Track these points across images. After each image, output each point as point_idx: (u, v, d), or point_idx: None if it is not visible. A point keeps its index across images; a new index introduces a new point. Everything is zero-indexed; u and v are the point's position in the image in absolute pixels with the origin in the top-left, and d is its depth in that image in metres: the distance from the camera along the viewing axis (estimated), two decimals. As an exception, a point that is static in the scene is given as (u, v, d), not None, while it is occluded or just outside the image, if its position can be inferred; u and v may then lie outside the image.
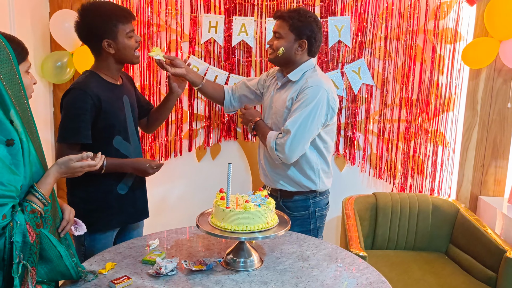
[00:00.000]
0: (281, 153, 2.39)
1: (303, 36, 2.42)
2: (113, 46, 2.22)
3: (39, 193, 1.54)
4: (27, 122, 1.54)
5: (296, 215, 2.54)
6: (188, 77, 2.55)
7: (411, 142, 3.47)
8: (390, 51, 3.38)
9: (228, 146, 3.57)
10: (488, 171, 3.46)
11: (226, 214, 1.87)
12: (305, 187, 2.52)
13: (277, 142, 2.39)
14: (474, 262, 2.96)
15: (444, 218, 3.26)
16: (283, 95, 2.51)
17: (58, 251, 1.56)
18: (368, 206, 3.29)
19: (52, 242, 1.55)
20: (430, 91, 3.38)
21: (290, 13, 2.42)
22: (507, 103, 3.35)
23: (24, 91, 1.54)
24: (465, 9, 3.28)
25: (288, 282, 1.81)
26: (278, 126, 2.50)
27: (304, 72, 2.47)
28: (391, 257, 3.13)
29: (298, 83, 2.46)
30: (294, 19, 2.39)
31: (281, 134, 2.40)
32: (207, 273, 1.86)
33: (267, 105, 2.63)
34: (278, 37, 2.44)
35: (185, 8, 3.38)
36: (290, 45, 2.43)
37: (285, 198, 2.55)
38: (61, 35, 3.22)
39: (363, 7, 3.33)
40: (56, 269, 1.60)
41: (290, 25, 2.40)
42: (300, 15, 2.41)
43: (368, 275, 1.89)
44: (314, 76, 2.45)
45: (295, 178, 2.51)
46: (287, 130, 2.35)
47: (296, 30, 2.40)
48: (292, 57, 2.46)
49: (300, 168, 2.50)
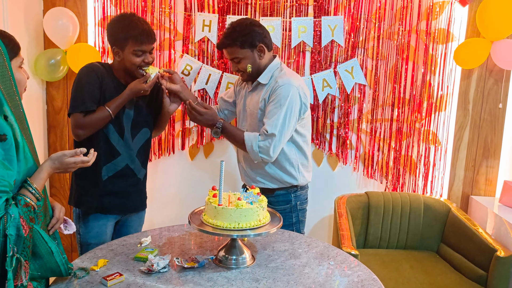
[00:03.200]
0: (266, 155, 2.45)
1: (256, 43, 2.48)
2: (120, 55, 2.38)
3: (33, 187, 1.54)
4: (19, 118, 1.55)
5: (278, 209, 2.56)
6: (182, 95, 2.54)
7: (403, 142, 3.49)
8: (383, 51, 3.39)
9: (221, 144, 3.58)
10: (480, 171, 3.49)
11: (218, 212, 1.88)
12: (286, 182, 2.58)
13: (260, 145, 2.43)
14: (465, 261, 2.98)
15: (436, 217, 3.29)
16: (255, 97, 2.57)
17: (49, 247, 1.56)
18: (360, 205, 3.30)
19: (43, 237, 1.55)
20: (422, 91, 3.40)
21: (230, 35, 2.46)
22: (498, 103, 3.38)
23: (16, 88, 1.54)
24: (457, 10, 3.30)
25: (279, 279, 1.82)
26: (253, 127, 2.57)
27: (272, 73, 2.54)
28: (382, 255, 3.15)
29: (269, 84, 2.52)
30: (238, 39, 2.45)
31: (262, 137, 2.43)
32: (199, 270, 1.87)
33: (241, 108, 2.69)
34: (238, 61, 2.50)
35: (178, 7, 3.38)
36: (252, 58, 2.49)
37: (266, 193, 2.54)
38: (55, 32, 3.21)
39: (356, 7, 3.34)
40: (47, 266, 1.60)
41: (239, 45, 2.46)
42: (238, 30, 2.46)
43: (360, 273, 1.90)
44: (282, 75, 2.51)
45: (276, 175, 2.57)
46: (270, 134, 2.40)
47: (247, 43, 2.46)
48: (260, 65, 2.53)
49: (279, 165, 2.56)
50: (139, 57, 2.36)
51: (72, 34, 3.24)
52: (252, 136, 2.46)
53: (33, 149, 1.62)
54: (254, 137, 2.45)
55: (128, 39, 2.33)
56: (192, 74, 3.42)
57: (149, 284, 1.74)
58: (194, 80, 3.43)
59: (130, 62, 2.36)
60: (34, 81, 3.32)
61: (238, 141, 2.52)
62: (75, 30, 3.26)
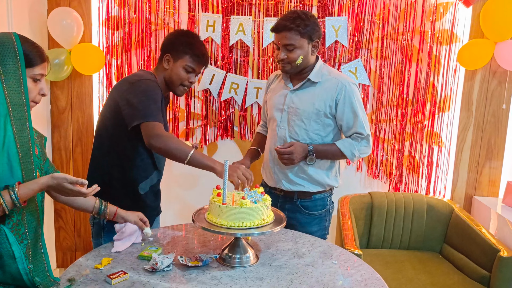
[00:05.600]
0: (366, 154, 2.50)
1: (314, 38, 2.41)
2: (169, 64, 2.35)
3: (15, 193, 1.48)
4: (19, 117, 1.53)
5: (315, 214, 2.55)
6: None
7: (406, 142, 3.49)
8: (387, 52, 3.40)
9: (225, 144, 3.58)
10: (483, 172, 3.49)
11: (222, 211, 1.88)
12: (326, 185, 2.54)
13: (361, 149, 2.45)
14: (468, 261, 2.98)
15: (439, 218, 3.29)
16: (305, 96, 2.47)
17: (12, 250, 1.50)
18: (363, 205, 3.30)
19: (8, 239, 1.49)
20: (426, 92, 3.40)
21: (295, 21, 2.34)
22: (501, 105, 3.38)
23: (25, 88, 1.52)
24: (461, 11, 3.30)
25: (283, 278, 1.82)
26: (304, 128, 2.47)
27: (321, 72, 2.47)
28: (385, 256, 3.15)
29: (328, 82, 2.44)
30: (301, 25, 2.34)
31: (358, 140, 2.44)
32: (203, 269, 1.87)
33: (277, 107, 2.56)
34: (291, 49, 2.37)
35: (183, 7, 3.39)
36: (306, 51, 2.40)
37: (303, 198, 2.55)
38: (59, 32, 3.23)
39: (360, 8, 3.35)
40: (5, 269, 1.52)
41: (300, 32, 2.35)
42: (303, 18, 2.36)
43: (363, 272, 1.90)
44: (332, 71, 2.50)
45: (319, 178, 2.51)
46: (366, 136, 2.44)
47: (307, 34, 2.36)
48: (308, 61, 2.45)
49: (323, 168, 2.51)
50: (188, 73, 2.34)
51: (76, 34, 3.26)
52: (348, 144, 2.44)
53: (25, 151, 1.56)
54: (350, 144, 2.43)
55: (187, 54, 2.32)
56: (196, 74, 3.42)
57: (153, 282, 1.75)
58: (198, 80, 3.44)
59: (177, 75, 2.33)
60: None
61: (335, 154, 2.46)
62: (79, 30, 3.28)
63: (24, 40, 1.56)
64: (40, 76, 1.62)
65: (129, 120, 2.14)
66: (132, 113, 2.14)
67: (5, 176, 1.49)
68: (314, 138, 2.46)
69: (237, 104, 3.52)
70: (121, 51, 3.44)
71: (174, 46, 2.34)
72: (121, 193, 2.29)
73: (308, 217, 2.55)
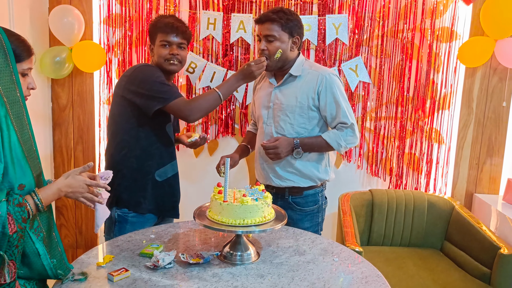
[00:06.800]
0: (353, 144, 2.50)
1: (294, 34, 2.45)
2: (153, 51, 2.46)
3: (37, 197, 1.52)
4: (17, 114, 1.51)
5: (307, 210, 2.56)
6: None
7: (407, 140, 3.49)
8: (387, 49, 3.40)
9: (226, 142, 3.59)
10: (483, 169, 3.49)
11: (223, 208, 1.89)
12: (317, 180, 2.54)
13: (348, 139, 2.45)
14: (468, 258, 2.99)
15: (440, 215, 3.29)
16: (287, 90, 2.50)
17: (36, 248, 1.54)
18: (364, 202, 3.31)
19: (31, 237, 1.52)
20: (426, 89, 3.40)
21: (278, 14, 2.41)
22: (502, 102, 3.38)
23: (18, 83, 1.49)
24: (461, 8, 3.31)
25: (284, 275, 1.83)
26: (289, 122, 2.48)
27: (302, 66, 2.51)
28: (386, 253, 3.16)
29: (309, 75, 2.47)
30: (283, 19, 2.40)
31: (343, 130, 2.44)
32: (204, 266, 1.88)
33: (264, 105, 2.59)
34: (272, 40, 2.42)
35: (183, 5, 3.40)
36: (286, 45, 2.44)
37: (294, 194, 2.56)
38: (60, 30, 3.23)
39: (360, 5, 3.35)
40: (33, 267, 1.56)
41: (282, 25, 2.40)
42: (286, 13, 2.43)
43: (364, 269, 1.91)
44: (314, 65, 2.53)
45: (308, 171, 2.51)
46: (351, 125, 2.44)
47: (288, 28, 2.42)
48: (288, 57, 2.48)
49: (311, 160, 2.52)
50: (166, 48, 2.39)
51: (77, 32, 3.26)
52: (333, 135, 2.45)
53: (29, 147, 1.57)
54: (335, 134, 2.45)
55: (157, 33, 2.41)
56: (197, 72, 3.43)
57: (155, 279, 1.75)
58: (198, 78, 3.45)
59: (158, 54, 2.41)
60: (39, 79, 3.34)
61: (322, 146, 2.47)
62: (80, 27, 3.28)
63: (9, 34, 1.51)
64: (28, 71, 1.62)
65: (149, 108, 2.28)
66: (147, 103, 2.28)
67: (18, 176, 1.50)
68: (300, 132, 2.48)
69: (237, 101, 3.52)
70: (122, 49, 3.44)
71: (149, 35, 2.49)
72: (141, 184, 2.41)
73: (300, 213, 2.56)
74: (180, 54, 2.43)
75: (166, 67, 2.41)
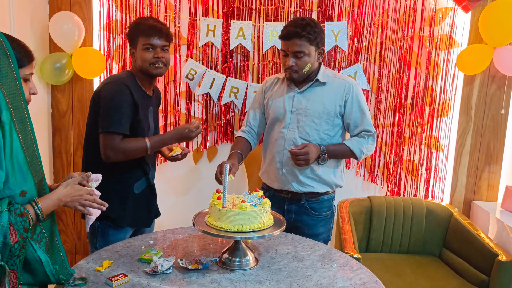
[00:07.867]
0: (372, 152, 2.57)
1: (320, 45, 2.44)
2: (134, 55, 2.39)
3: (38, 206, 1.52)
4: (21, 120, 1.52)
5: (322, 215, 2.57)
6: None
7: (405, 147, 3.50)
8: (386, 57, 3.42)
9: (225, 148, 3.59)
10: (482, 176, 3.50)
11: (222, 214, 1.90)
12: (333, 185, 2.56)
13: (369, 147, 2.51)
14: (467, 265, 2.98)
15: (438, 222, 3.29)
16: (313, 96, 2.48)
17: (38, 255, 1.54)
18: (362, 209, 3.31)
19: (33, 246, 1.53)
20: (425, 97, 3.42)
21: (305, 29, 2.34)
22: (500, 109, 3.40)
23: (21, 89, 1.50)
24: (460, 16, 3.32)
25: (282, 281, 1.83)
26: (315, 128, 2.48)
27: (325, 72, 2.52)
28: (384, 260, 3.16)
29: (335, 83, 2.49)
30: (311, 33, 2.35)
31: (365, 138, 2.49)
32: (203, 272, 1.88)
33: (285, 109, 2.53)
34: (301, 56, 2.37)
35: (183, 12, 3.41)
36: (313, 58, 2.43)
37: (310, 199, 2.55)
38: (60, 36, 3.24)
39: (359, 13, 3.37)
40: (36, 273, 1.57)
41: (310, 40, 2.36)
42: (312, 25, 2.37)
43: (362, 276, 1.91)
44: (335, 72, 2.58)
45: (327, 178, 2.52)
46: (373, 133, 2.51)
47: (314, 41, 2.38)
48: (314, 68, 2.47)
49: (331, 167, 2.53)
50: (149, 52, 2.34)
51: (77, 38, 3.27)
52: (356, 142, 2.48)
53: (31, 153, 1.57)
54: (358, 142, 2.47)
55: (138, 36, 2.35)
56: (196, 79, 3.44)
57: (154, 285, 1.76)
58: (198, 84, 3.46)
59: (141, 58, 2.34)
60: (39, 85, 3.35)
61: (344, 153, 2.49)
62: (81, 34, 3.29)
63: (11, 40, 1.52)
64: (29, 76, 1.63)
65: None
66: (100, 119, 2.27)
67: (19, 182, 1.50)
68: (324, 138, 2.49)
69: (237, 108, 3.53)
70: (122, 55, 3.46)
71: (129, 38, 2.42)
72: (118, 197, 2.37)
73: (315, 218, 2.56)
74: (165, 56, 2.39)
75: (152, 71, 2.37)
